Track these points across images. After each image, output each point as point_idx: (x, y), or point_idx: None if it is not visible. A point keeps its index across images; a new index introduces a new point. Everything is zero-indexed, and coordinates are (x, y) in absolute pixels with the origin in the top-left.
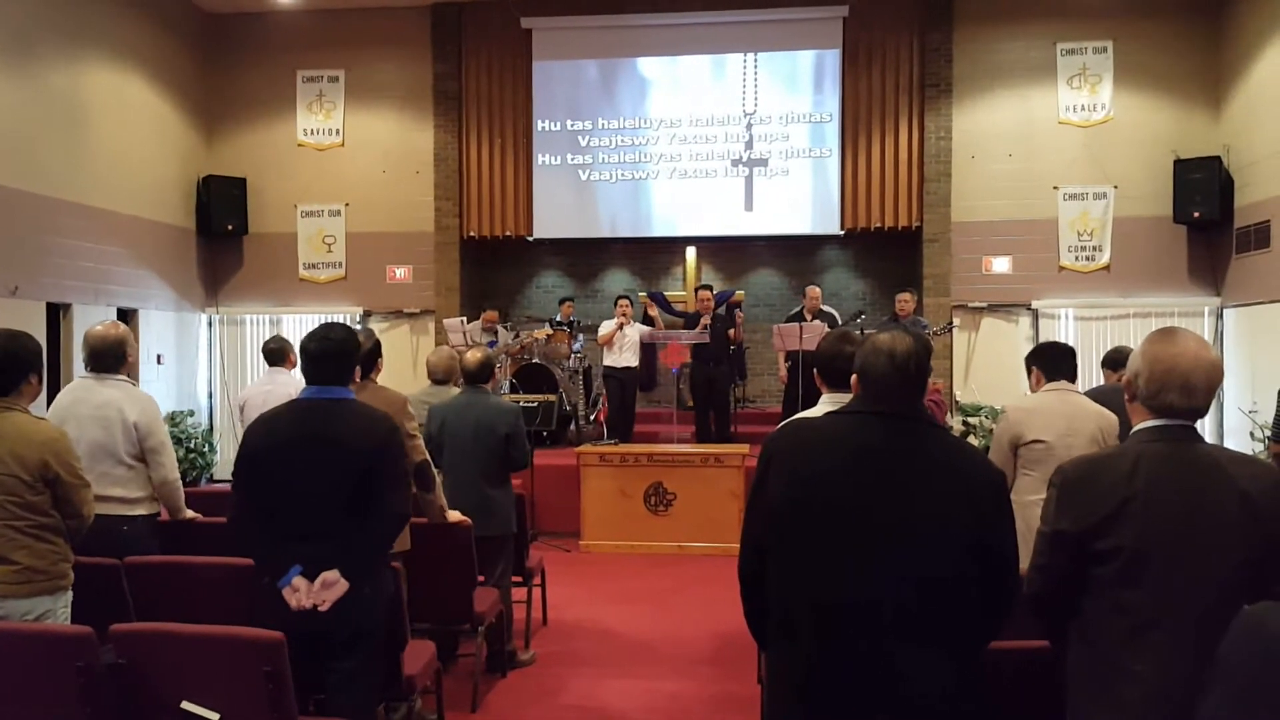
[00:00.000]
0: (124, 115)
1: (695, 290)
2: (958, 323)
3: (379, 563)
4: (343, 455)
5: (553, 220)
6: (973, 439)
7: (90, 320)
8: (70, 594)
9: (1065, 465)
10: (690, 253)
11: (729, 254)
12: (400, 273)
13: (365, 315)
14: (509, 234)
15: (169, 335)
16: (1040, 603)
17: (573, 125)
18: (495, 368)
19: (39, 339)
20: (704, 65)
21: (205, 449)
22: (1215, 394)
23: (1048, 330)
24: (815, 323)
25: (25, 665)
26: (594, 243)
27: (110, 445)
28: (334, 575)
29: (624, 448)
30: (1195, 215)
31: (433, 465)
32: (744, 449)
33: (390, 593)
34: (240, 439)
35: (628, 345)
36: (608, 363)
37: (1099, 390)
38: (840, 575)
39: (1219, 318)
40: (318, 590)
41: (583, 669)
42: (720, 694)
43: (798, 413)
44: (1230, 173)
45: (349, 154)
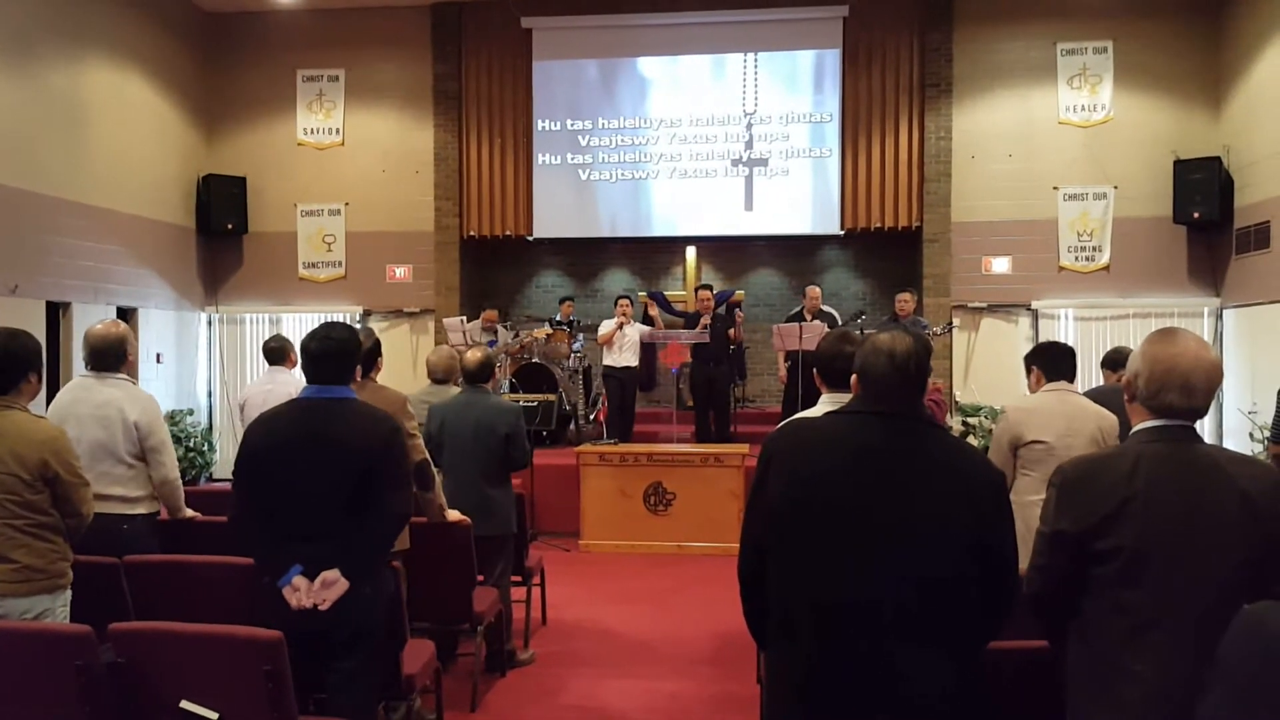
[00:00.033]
0: (124, 114)
1: (695, 290)
2: (957, 323)
3: (379, 562)
4: (343, 455)
5: (553, 220)
6: (972, 439)
7: (90, 319)
8: (69, 593)
9: (1065, 465)
10: (690, 252)
11: (729, 254)
12: (400, 272)
13: (365, 314)
14: (509, 234)
15: (168, 334)
16: (1040, 603)
17: (573, 125)
18: (495, 367)
19: (38, 338)
20: (704, 65)
21: (205, 448)
22: (1215, 394)
23: (1047, 330)
24: (815, 323)
25: (24, 664)
26: (594, 242)
27: (111, 444)
28: (334, 575)
29: (624, 447)
30: (1195, 216)
31: (432, 464)
32: (744, 449)
33: (390, 592)
34: (240, 438)
35: (628, 345)
36: (607, 362)
37: (1098, 390)
38: (840, 575)
39: (1219, 318)
40: (318, 590)
41: (582, 669)
42: (720, 694)
43: (797, 413)
44: (1230, 173)
45: (349, 153)
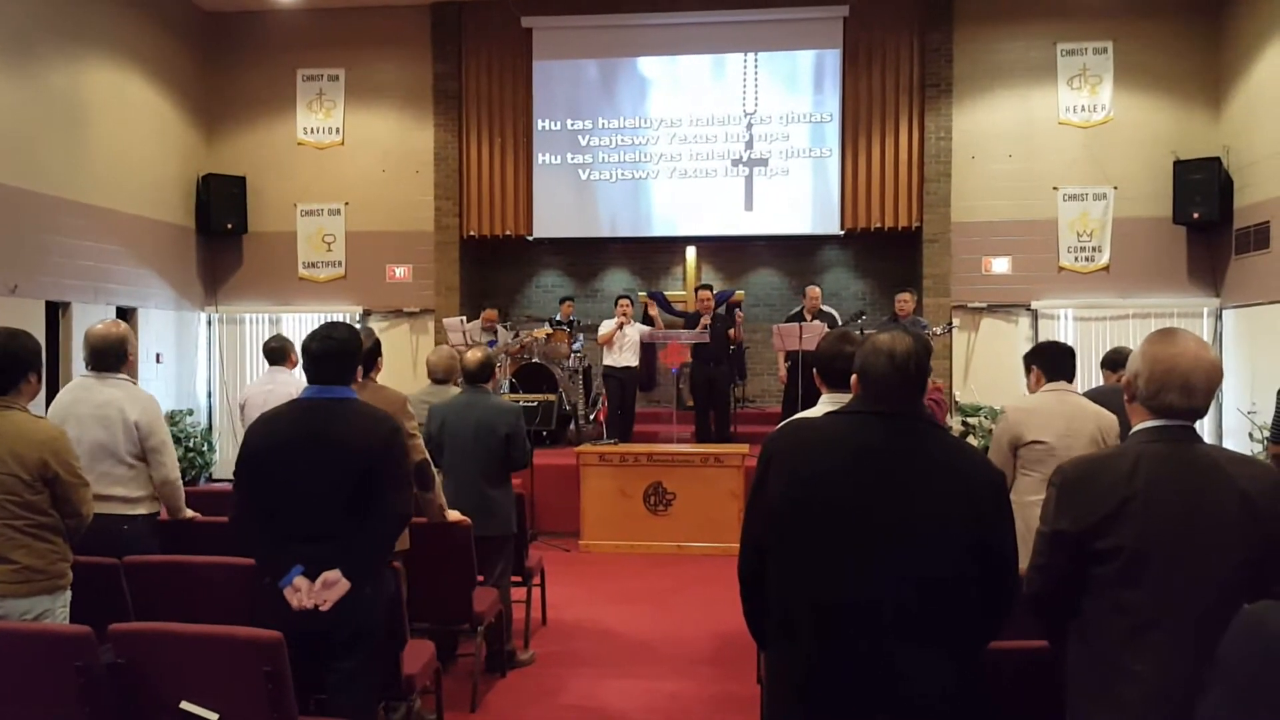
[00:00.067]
0: (124, 114)
1: (695, 290)
2: (957, 323)
3: (380, 563)
4: (344, 455)
5: (553, 220)
6: (972, 439)
7: (90, 319)
8: (69, 593)
9: (1065, 465)
10: (690, 252)
11: (729, 254)
12: (400, 272)
13: (365, 314)
14: (509, 233)
15: (168, 334)
16: (1040, 603)
17: (573, 125)
18: (495, 367)
19: (38, 338)
20: (704, 65)
21: (204, 448)
22: (1215, 395)
23: (1047, 331)
24: (815, 323)
25: (24, 665)
26: (594, 242)
27: (111, 444)
28: (335, 575)
29: (624, 447)
30: (1195, 216)
31: (432, 465)
32: (744, 449)
33: (390, 592)
34: (240, 439)
35: (628, 345)
36: (607, 362)
37: (1098, 390)
38: (840, 575)
39: (1218, 319)
40: (319, 590)
41: (582, 669)
42: (720, 694)
43: (797, 413)
44: (1230, 173)
45: (349, 153)
